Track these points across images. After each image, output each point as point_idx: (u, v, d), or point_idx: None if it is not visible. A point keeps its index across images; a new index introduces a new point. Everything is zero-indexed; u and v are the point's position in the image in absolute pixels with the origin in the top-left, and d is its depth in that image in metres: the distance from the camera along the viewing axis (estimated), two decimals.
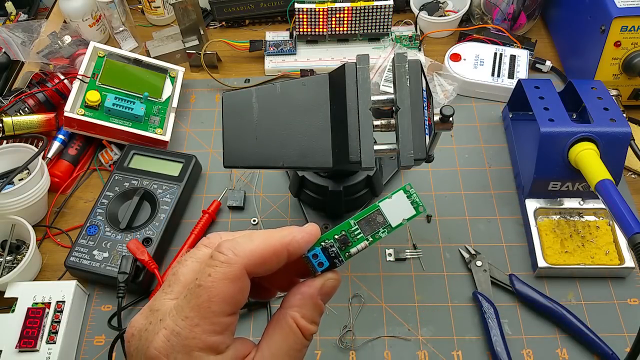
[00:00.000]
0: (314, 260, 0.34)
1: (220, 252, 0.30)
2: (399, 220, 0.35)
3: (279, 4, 0.89)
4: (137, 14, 0.97)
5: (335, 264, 0.34)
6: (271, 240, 0.31)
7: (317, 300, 0.33)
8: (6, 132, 0.72)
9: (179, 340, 0.29)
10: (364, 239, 0.35)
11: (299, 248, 0.33)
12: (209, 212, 0.68)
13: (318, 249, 0.34)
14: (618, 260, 0.61)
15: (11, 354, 0.55)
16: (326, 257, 0.34)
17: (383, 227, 0.35)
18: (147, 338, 0.29)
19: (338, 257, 0.35)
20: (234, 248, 0.30)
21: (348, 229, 0.35)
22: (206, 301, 0.29)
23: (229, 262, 0.29)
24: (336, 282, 0.34)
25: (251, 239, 0.31)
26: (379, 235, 0.35)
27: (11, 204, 0.64)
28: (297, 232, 0.33)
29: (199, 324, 0.29)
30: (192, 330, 0.28)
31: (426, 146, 0.48)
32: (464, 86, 0.79)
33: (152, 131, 0.74)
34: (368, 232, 0.35)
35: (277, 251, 0.31)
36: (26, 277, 0.63)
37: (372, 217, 0.35)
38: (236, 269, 0.29)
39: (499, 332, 0.57)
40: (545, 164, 0.62)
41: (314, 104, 0.53)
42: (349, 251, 0.35)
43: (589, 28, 0.73)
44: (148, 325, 0.30)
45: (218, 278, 0.29)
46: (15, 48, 0.80)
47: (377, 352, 0.59)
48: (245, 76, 0.85)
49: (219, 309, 0.29)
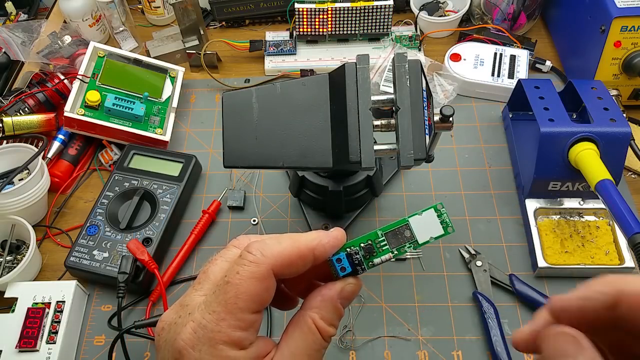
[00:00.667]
0: (337, 265, 0.35)
1: (249, 252, 0.31)
2: (426, 238, 0.36)
3: (279, 4, 0.89)
4: (137, 14, 0.97)
5: (357, 270, 0.35)
6: (298, 243, 0.32)
7: (337, 303, 0.34)
8: (6, 132, 0.72)
9: (205, 332, 0.30)
10: (389, 251, 0.35)
11: (324, 252, 0.33)
12: (209, 212, 0.68)
13: (343, 254, 0.35)
14: (618, 260, 0.61)
15: (11, 354, 0.55)
16: (349, 262, 0.35)
17: (410, 242, 0.36)
18: (176, 330, 0.31)
19: (361, 264, 0.35)
20: (262, 249, 0.31)
21: (375, 239, 0.36)
22: (233, 297, 0.30)
23: (257, 262, 0.31)
24: (356, 287, 0.35)
25: (279, 241, 0.32)
26: (404, 250, 0.36)
27: (11, 204, 0.64)
28: (324, 237, 0.34)
29: (225, 318, 0.30)
30: (218, 324, 0.30)
31: (426, 146, 0.48)
32: (464, 86, 0.79)
33: (152, 131, 0.74)
34: (394, 245, 0.36)
35: (304, 254, 0.32)
36: (26, 277, 0.63)
37: (400, 231, 0.36)
38: (263, 269, 0.31)
39: (499, 332, 0.57)
40: (545, 164, 0.62)
41: (314, 104, 0.53)
42: (373, 261, 0.35)
43: (589, 28, 0.73)
44: (177, 319, 0.31)
45: (246, 276, 0.30)
46: (15, 48, 0.80)
47: (377, 352, 0.59)
48: (245, 76, 0.85)
49: (245, 306, 0.30)
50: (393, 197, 0.70)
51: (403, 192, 0.71)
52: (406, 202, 0.70)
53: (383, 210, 0.69)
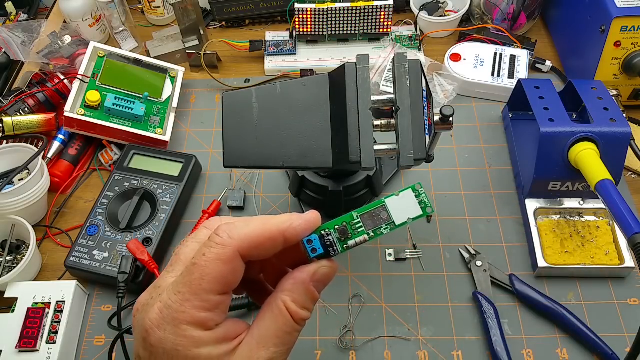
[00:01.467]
0: (308, 246, 0.34)
1: (217, 234, 0.31)
2: (404, 219, 0.35)
3: (279, 4, 0.89)
4: (137, 14, 0.97)
5: (329, 252, 0.34)
6: (268, 225, 0.32)
7: (309, 286, 0.33)
8: (6, 132, 0.72)
9: (170, 312, 0.30)
10: (364, 232, 0.35)
11: (295, 235, 0.33)
12: (209, 212, 0.68)
13: (315, 235, 0.34)
14: (618, 260, 0.61)
15: (11, 354, 0.55)
16: (321, 244, 0.34)
17: (386, 223, 0.35)
18: (146, 311, 0.31)
19: (333, 246, 0.34)
20: (229, 231, 0.31)
21: (350, 220, 0.35)
22: (198, 279, 0.30)
23: (223, 244, 0.31)
24: (330, 270, 0.34)
25: (248, 223, 0.32)
26: (380, 232, 0.35)
27: (11, 204, 0.64)
28: (296, 219, 0.33)
29: (189, 299, 0.30)
30: (182, 305, 0.30)
31: (426, 146, 0.48)
32: (464, 86, 0.79)
33: (152, 131, 0.74)
34: (370, 227, 0.35)
35: (273, 236, 0.32)
36: (26, 277, 0.63)
37: (376, 212, 0.35)
38: (229, 251, 0.31)
39: (499, 332, 0.57)
40: (545, 164, 0.62)
41: (314, 104, 0.53)
42: (347, 243, 0.34)
43: (589, 28, 0.73)
44: (149, 300, 0.32)
45: (211, 258, 0.30)
46: (15, 48, 0.80)
47: (377, 352, 0.59)
48: (245, 76, 0.85)
49: (209, 287, 0.30)
50: None
51: None
52: None
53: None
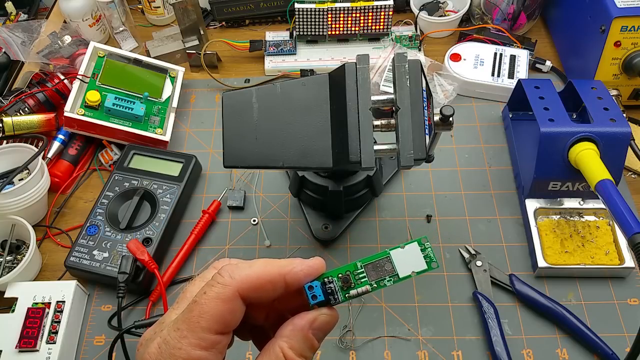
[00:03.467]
0: (309, 292, 0.34)
1: (220, 274, 0.32)
2: (408, 272, 0.34)
3: (279, 4, 0.89)
4: (137, 14, 0.97)
5: (329, 300, 0.34)
6: (269, 267, 0.32)
7: (308, 333, 0.33)
8: (6, 132, 0.72)
9: (167, 348, 0.31)
10: (367, 283, 0.34)
11: (297, 279, 0.33)
12: (209, 212, 0.68)
13: (317, 282, 0.34)
14: (618, 260, 0.61)
15: (11, 354, 0.55)
16: (323, 291, 0.34)
17: (390, 275, 0.34)
18: (147, 345, 0.32)
19: (335, 294, 0.34)
20: (231, 271, 0.32)
21: (353, 270, 0.34)
22: (196, 316, 0.31)
23: (224, 284, 0.31)
24: (330, 318, 0.34)
25: (251, 265, 0.33)
26: (383, 283, 0.34)
27: (11, 204, 0.64)
28: (299, 264, 0.33)
29: (186, 336, 0.30)
30: (179, 341, 0.30)
31: (426, 146, 0.48)
32: (464, 86, 0.79)
33: (152, 131, 0.74)
34: (373, 278, 0.34)
35: (274, 279, 0.32)
36: (26, 277, 0.63)
37: (380, 264, 0.34)
38: (229, 291, 0.31)
39: (499, 332, 0.57)
40: (545, 164, 0.62)
41: (314, 104, 0.53)
42: (349, 292, 0.34)
43: (589, 28, 0.73)
44: (152, 335, 0.33)
45: (211, 297, 0.31)
46: (15, 48, 0.80)
47: (377, 352, 0.59)
48: (245, 76, 0.85)
49: (207, 325, 0.31)
50: (393, 197, 0.70)
51: (403, 192, 0.71)
52: (406, 202, 0.70)
53: (383, 210, 0.69)
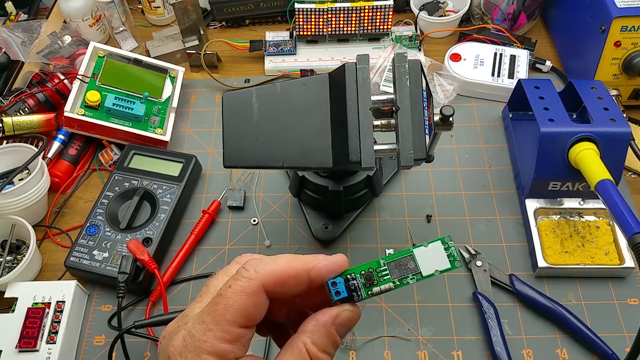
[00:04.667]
0: (332, 289, 0.34)
1: (245, 268, 0.32)
2: (431, 271, 0.35)
3: (279, 4, 0.89)
4: (137, 14, 0.97)
5: (353, 297, 0.34)
6: (293, 263, 0.33)
7: (331, 329, 0.33)
8: (6, 132, 0.72)
9: (192, 341, 0.31)
10: (390, 280, 0.35)
11: (320, 275, 0.34)
12: (209, 212, 0.68)
13: (340, 278, 0.34)
14: (618, 260, 0.61)
15: (11, 354, 0.55)
16: (346, 287, 0.34)
17: (413, 274, 0.35)
18: (171, 338, 0.32)
19: (358, 291, 0.34)
20: (256, 266, 0.32)
21: (376, 267, 0.35)
22: (222, 309, 0.31)
23: (249, 277, 0.32)
24: (353, 314, 0.34)
25: (275, 259, 0.33)
26: (406, 281, 0.35)
27: (11, 204, 0.64)
28: (322, 259, 0.34)
29: (212, 329, 0.31)
30: (204, 334, 0.31)
31: (426, 146, 0.48)
32: (464, 86, 0.79)
33: (152, 131, 0.74)
34: (396, 276, 0.35)
35: (298, 274, 0.33)
36: (26, 277, 0.63)
37: (403, 262, 0.35)
38: (254, 285, 0.32)
39: (499, 332, 0.57)
40: (545, 164, 0.62)
41: (314, 104, 0.53)
42: (372, 289, 0.35)
43: (589, 28, 0.73)
44: (176, 328, 0.33)
45: (236, 290, 0.31)
46: (15, 48, 0.80)
47: (377, 352, 0.59)
48: (245, 76, 0.85)
49: (232, 319, 0.31)
50: (393, 197, 0.70)
51: (403, 192, 0.71)
52: (406, 202, 0.70)
53: (383, 210, 0.69)
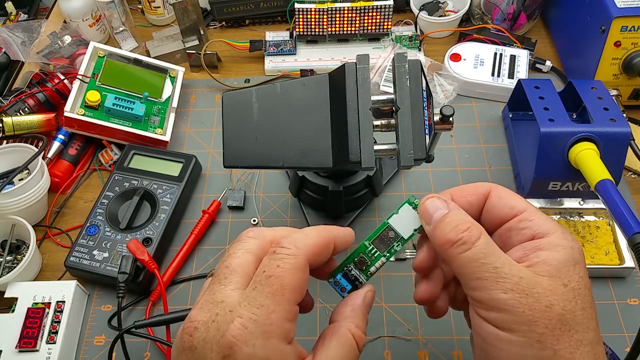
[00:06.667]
0: (337, 287, 0.38)
1: (283, 246, 0.33)
2: (410, 232, 0.38)
3: (279, 4, 0.89)
4: (137, 14, 0.97)
5: (356, 285, 0.38)
6: (323, 233, 0.35)
7: (365, 311, 0.36)
8: (6, 132, 0.72)
9: (257, 326, 0.30)
10: (381, 256, 0.38)
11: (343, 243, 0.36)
12: (209, 212, 0.68)
13: (340, 275, 0.38)
14: (618, 260, 0.61)
15: (11, 354, 0.55)
16: (347, 281, 0.38)
17: (396, 241, 0.38)
18: (219, 328, 0.31)
19: (358, 278, 0.38)
20: (295, 241, 0.33)
21: (364, 250, 0.38)
22: (279, 289, 0.31)
23: (294, 254, 0.33)
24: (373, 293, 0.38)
25: (305, 234, 0.35)
26: (394, 250, 0.38)
27: (11, 204, 0.64)
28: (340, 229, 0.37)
29: (274, 310, 0.31)
30: (268, 317, 0.31)
31: (426, 146, 0.48)
32: (464, 86, 0.79)
33: (152, 131, 0.74)
34: (384, 249, 0.38)
35: (329, 244, 0.35)
36: (26, 277, 0.63)
37: (384, 235, 0.38)
38: (301, 260, 0.33)
39: None
40: (545, 164, 0.62)
41: (314, 104, 0.53)
42: (369, 270, 0.38)
43: (589, 28, 0.73)
44: (215, 317, 0.31)
45: (287, 268, 0.32)
46: (15, 48, 0.80)
47: (377, 352, 0.59)
48: (245, 76, 0.85)
49: (291, 296, 0.32)
50: (393, 197, 0.70)
51: (403, 192, 0.71)
52: None
53: (383, 210, 0.69)
